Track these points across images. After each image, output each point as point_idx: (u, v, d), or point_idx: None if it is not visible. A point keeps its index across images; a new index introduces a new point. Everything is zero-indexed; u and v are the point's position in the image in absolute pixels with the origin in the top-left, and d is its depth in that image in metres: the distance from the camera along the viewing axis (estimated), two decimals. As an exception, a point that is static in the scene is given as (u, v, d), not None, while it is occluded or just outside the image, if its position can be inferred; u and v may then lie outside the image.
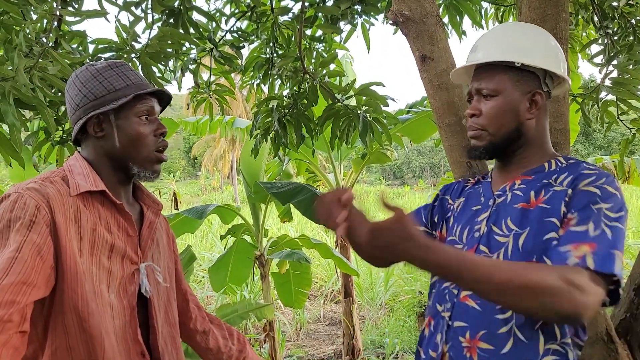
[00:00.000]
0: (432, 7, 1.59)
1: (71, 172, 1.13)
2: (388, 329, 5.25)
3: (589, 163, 1.16)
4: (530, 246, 1.07)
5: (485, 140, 1.18)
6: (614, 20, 2.60)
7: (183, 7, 2.24)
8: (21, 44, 1.60)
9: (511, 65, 1.16)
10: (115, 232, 1.13)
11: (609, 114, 2.66)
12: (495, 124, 1.16)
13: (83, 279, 1.03)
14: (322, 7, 2.45)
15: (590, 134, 31.26)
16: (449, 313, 1.15)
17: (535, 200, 1.12)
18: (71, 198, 1.07)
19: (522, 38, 1.19)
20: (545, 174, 1.16)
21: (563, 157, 1.20)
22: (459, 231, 1.23)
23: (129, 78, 1.17)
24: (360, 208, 1.03)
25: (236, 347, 1.48)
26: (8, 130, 1.74)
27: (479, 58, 1.20)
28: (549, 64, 1.17)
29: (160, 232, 1.31)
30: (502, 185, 1.21)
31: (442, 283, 1.23)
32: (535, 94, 1.17)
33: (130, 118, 1.15)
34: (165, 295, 1.26)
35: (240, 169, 4.36)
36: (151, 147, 1.18)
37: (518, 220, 1.11)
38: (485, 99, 1.17)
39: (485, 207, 1.21)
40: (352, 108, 2.48)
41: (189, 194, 33.52)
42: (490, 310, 1.08)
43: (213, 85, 2.83)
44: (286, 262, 4.16)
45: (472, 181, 1.37)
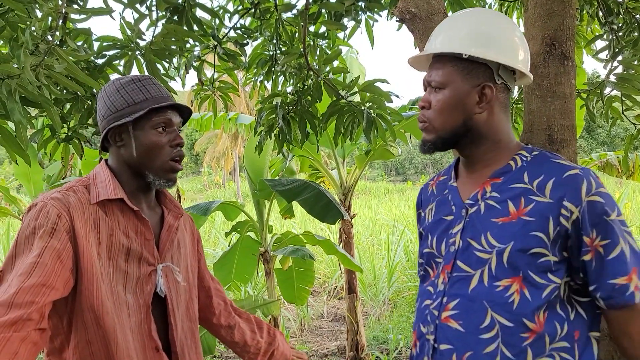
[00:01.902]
0: (439, 4, 1.59)
1: (95, 180, 1.23)
2: (392, 325, 5.26)
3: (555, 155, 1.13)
4: (516, 261, 1.05)
5: (433, 134, 1.14)
6: (619, 16, 2.59)
7: (187, 4, 2.24)
8: (27, 42, 1.60)
9: (459, 57, 1.10)
10: (132, 237, 1.22)
11: (613, 109, 2.65)
12: (441, 117, 1.12)
13: (100, 280, 1.14)
14: (325, 4, 2.44)
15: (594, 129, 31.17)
16: (433, 336, 1.12)
17: (516, 212, 1.07)
18: (91, 206, 1.18)
19: (479, 27, 1.13)
20: (513, 173, 1.12)
21: (524, 149, 1.16)
22: (435, 243, 1.19)
23: (148, 92, 1.25)
24: None
25: (265, 339, 1.56)
26: (14, 127, 1.74)
27: (427, 48, 1.15)
28: (502, 55, 1.11)
29: (182, 233, 1.39)
30: (472, 193, 1.16)
31: (422, 302, 1.20)
32: (484, 86, 1.11)
33: (146, 129, 1.24)
34: (186, 292, 1.35)
35: (244, 166, 4.37)
36: (166, 157, 1.25)
37: (499, 235, 1.07)
38: (435, 91, 1.13)
39: (458, 218, 1.16)
40: (356, 104, 2.48)
41: (191, 190, 33.56)
42: (473, 331, 1.06)
43: (217, 82, 2.83)
44: (289, 259, 4.17)
45: (433, 182, 1.33)
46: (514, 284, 1.05)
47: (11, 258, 1.09)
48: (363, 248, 8.34)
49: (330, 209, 3.33)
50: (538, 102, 1.51)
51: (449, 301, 1.11)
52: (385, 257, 6.93)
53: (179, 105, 1.29)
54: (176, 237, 1.35)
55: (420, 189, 1.38)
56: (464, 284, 1.10)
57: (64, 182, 3.83)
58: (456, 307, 1.10)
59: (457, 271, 1.12)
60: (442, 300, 1.12)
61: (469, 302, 1.08)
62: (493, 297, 1.06)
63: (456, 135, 1.13)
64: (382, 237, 8.80)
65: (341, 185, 4.57)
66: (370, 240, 9.29)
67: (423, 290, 1.23)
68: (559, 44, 1.48)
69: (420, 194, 1.37)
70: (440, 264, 1.17)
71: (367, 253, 7.75)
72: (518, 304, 1.04)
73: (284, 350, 1.60)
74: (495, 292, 1.06)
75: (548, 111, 1.49)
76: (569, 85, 1.50)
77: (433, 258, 1.20)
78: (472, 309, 1.07)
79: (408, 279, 6.46)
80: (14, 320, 0.97)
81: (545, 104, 1.49)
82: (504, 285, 1.05)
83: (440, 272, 1.16)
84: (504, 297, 1.05)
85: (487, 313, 1.06)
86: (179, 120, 1.30)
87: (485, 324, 1.05)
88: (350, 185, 4.56)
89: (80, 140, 2.26)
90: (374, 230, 10.20)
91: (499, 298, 1.05)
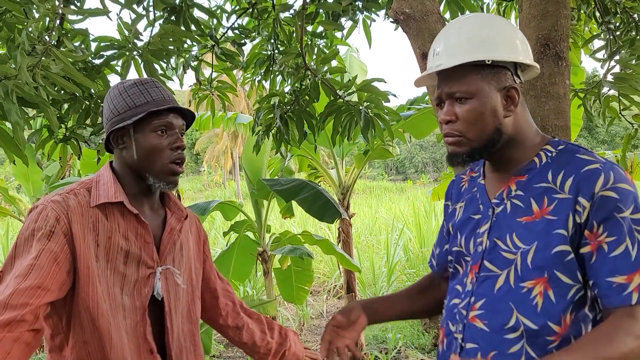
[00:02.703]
0: (433, 5, 1.60)
1: (97, 183, 1.25)
2: (391, 324, 5.26)
3: (582, 149, 1.10)
4: (540, 262, 1.03)
5: (467, 147, 1.11)
6: (616, 16, 2.60)
7: (184, 4, 2.24)
8: (24, 43, 1.61)
9: (480, 63, 1.08)
10: (132, 240, 1.23)
11: (611, 109, 2.66)
12: (474, 128, 1.09)
13: (96, 282, 1.15)
14: (323, 4, 2.45)
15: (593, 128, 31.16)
16: (461, 335, 1.12)
17: (540, 211, 1.06)
18: (91, 208, 1.20)
19: (482, 31, 1.11)
20: (538, 170, 1.10)
21: (550, 143, 1.13)
22: (464, 242, 1.19)
23: (150, 95, 1.26)
24: None
25: (276, 340, 1.56)
26: (12, 128, 1.75)
27: (444, 63, 1.10)
28: (516, 54, 1.10)
29: (187, 235, 1.40)
30: (498, 192, 1.15)
31: (451, 299, 1.20)
32: (510, 89, 1.10)
33: (146, 132, 1.25)
34: (188, 294, 1.36)
35: (243, 166, 4.37)
36: (166, 160, 1.26)
37: (524, 235, 1.06)
38: (459, 103, 1.10)
39: (485, 218, 1.16)
40: (353, 104, 2.49)
41: (191, 189, 33.57)
42: (499, 330, 1.06)
43: (215, 82, 2.84)
44: (288, 258, 4.18)
45: (466, 177, 1.32)
46: (537, 285, 1.04)
47: (11, 259, 1.12)
48: (362, 247, 8.34)
49: (329, 208, 3.34)
50: (532, 103, 1.51)
51: (476, 301, 1.11)
52: (385, 257, 6.94)
53: (180, 108, 1.29)
54: (179, 239, 1.35)
55: (452, 181, 1.36)
56: (491, 284, 1.10)
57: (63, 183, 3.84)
58: (482, 306, 1.10)
59: (484, 271, 1.12)
60: (469, 300, 1.13)
61: (494, 302, 1.08)
62: (518, 298, 1.05)
63: (490, 143, 1.10)
64: (381, 236, 8.80)
65: (340, 184, 4.58)
66: (369, 240, 9.29)
67: (452, 288, 1.23)
68: (553, 44, 1.49)
69: (452, 186, 1.34)
70: (469, 263, 1.17)
71: (367, 252, 7.75)
72: (542, 307, 1.03)
73: (296, 351, 1.60)
74: (520, 294, 1.05)
75: (542, 111, 1.49)
76: (563, 86, 1.51)
77: (462, 257, 1.20)
78: (497, 309, 1.07)
79: (407, 278, 6.46)
80: (8, 321, 0.99)
81: (539, 104, 1.50)
82: (529, 286, 1.05)
83: (469, 271, 1.16)
84: (529, 299, 1.04)
85: (512, 314, 1.05)
86: (181, 123, 1.31)
87: (510, 325, 1.05)
88: (349, 185, 4.57)
89: (78, 140, 2.26)
90: (373, 230, 10.20)
91: (524, 299, 1.05)
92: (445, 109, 1.12)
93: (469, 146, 1.10)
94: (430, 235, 7.41)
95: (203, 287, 1.48)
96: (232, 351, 4.95)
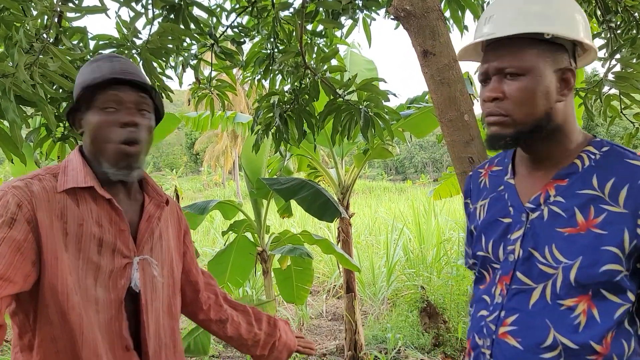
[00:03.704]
0: (434, 2, 1.58)
1: (66, 168, 1.14)
2: (390, 324, 5.26)
3: (628, 151, 1.00)
4: (585, 280, 0.95)
5: (512, 128, 1.00)
6: (617, 14, 2.59)
7: (183, 2, 2.23)
8: (21, 41, 1.60)
9: (539, 37, 0.97)
10: (106, 227, 1.13)
11: (612, 108, 2.65)
12: (524, 109, 0.98)
13: (66, 273, 1.06)
14: (323, 2, 2.44)
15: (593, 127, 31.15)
16: (489, 350, 1.04)
17: (585, 223, 0.96)
18: (59, 194, 1.09)
19: (544, 3, 0.99)
20: (580, 175, 1.01)
21: (593, 144, 1.03)
22: (492, 248, 1.09)
23: (100, 70, 1.13)
24: None
25: (264, 331, 1.50)
26: (9, 126, 1.74)
27: (497, 32, 0.98)
28: (578, 32, 0.98)
29: (166, 224, 1.30)
30: (534, 196, 1.05)
31: (478, 311, 1.11)
32: (565, 71, 0.99)
33: (94, 111, 1.12)
34: (169, 287, 1.27)
35: (242, 165, 4.36)
36: (114, 139, 1.12)
37: (566, 249, 0.97)
38: (508, 79, 0.99)
39: (518, 223, 1.05)
40: (353, 103, 2.48)
41: (191, 189, 33.57)
42: (534, 349, 0.98)
43: (214, 80, 2.83)
44: (287, 258, 4.17)
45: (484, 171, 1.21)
46: (580, 303, 0.96)
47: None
48: (362, 247, 8.34)
49: (328, 207, 3.33)
50: (534, 101, 1.50)
51: (507, 315, 1.03)
52: (384, 257, 6.93)
53: (127, 79, 1.13)
54: (158, 227, 1.25)
55: (469, 176, 1.26)
56: (524, 298, 1.02)
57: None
58: (515, 322, 1.02)
59: (516, 283, 1.03)
60: (499, 314, 1.04)
61: (529, 318, 1.00)
62: (557, 316, 0.97)
63: (538, 128, 0.99)
64: (381, 236, 8.80)
65: (339, 184, 4.57)
66: (369, 240, 9.29)
67: (479, 297, 1.14)
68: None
69: (470, 181, 1.25)
70: (498, 271, 1.08)
71: (366, 252, 7.74)
72: (585, 326, 0.95)
73: (287, 341, 1.53)
74: (559, 311, 0.97)
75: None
76: (565, 84, 1.49)
77: (489, 262, 1.11)
78: (532, 326, 0.99)
79: (407, 278, 6.45)
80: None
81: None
82: (570, 304, 0.97)
83: (498, 281, 1.07)
84: (570, 318, 0.96)
85: (549, 332, 0.97)
86: (137, 98, 1.15)
87: (547, 344, 0.97)
88: (349, 184, 4.56)
89: (76, 139, 2.25)
90: (373, 230, 10.19)
91: (563, 318, 0.97)
92: (491, 85, 1.01)
93: (515, 128, 1.00)
94: (430, 235, 7.41)
95: (183, 280, 1.39)
96: (231, 351, 4.94)
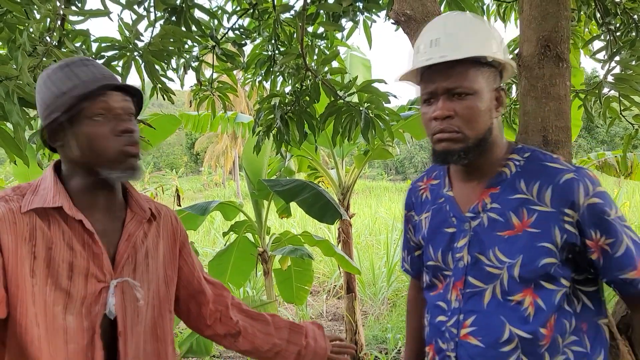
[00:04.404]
0: (434, 6, 1.60)
1: (38, 187, 1.07)
2: (391, 324, 5.27)
3: (547, 155, 1.12)
4: (527, 275, 1.06)
5: (463, 143, 1.08)
6: (617, 17, 2.60)
7: (185, 5, 2.25)
8: (25, 43, 1.61)
9: (481, 60, 1.06)
10: (78, 250, 1.04)
11: (611, 110, 2.66)
12: (473, 126, 1.07)
13: (28, 303, 0.97)
14: (323, 4, 2.45)
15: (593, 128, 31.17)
16: (454, 353, 1.12)
17: (520, 224, 1.07)
18: (25, 216, 1.01)
19: (482, 28, 1.10)
20: (509, 181, 1.11)
21: (516, 152, 1.14)
22: (441, 257, 1.18)
23: (77, 76, 1.06)
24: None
25: (286, 339, 1.39)
26: (12, 128, 1.75)
27: (449, 55, 1.05)
28: (507, 55, 1.11)
29: (154, 240, 1.20)
30: (472, 205, 1.14)
31: (435, 317, 1.19)
32: (499, 90, 1.10)
33: (82, 122, 1.05)
34: (153, 308, 1.17)
35: (243, 166, 4.38)
36: (113, 147, 1.06)
37: (507, 250, 1.07)
38: (456, 99, 1.06)
39: (462, 232, 1.15)
40: (354, 105, 2.49)
41: (191, 189, 33.56)
42: (494, 345, 1.07)
43: (215, 82, 2.84)
44: (288, 258, 4.18)
45: (423, 185, 1.30)
46: (527, 296, 1.06)
47: None
48: (362, 247, 8.35)
49: (329, 209, 3.34)
50: (533, 104, 1.51)
51: (466, 318, 1.11)
52: (385, 257, 6.94)
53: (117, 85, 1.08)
54: (143, 246, 1.16)
55: (409, 190, 1.35)
56: (479, 299, 1.11)
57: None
58: (474, 323, 1.10)
59: (469, 287, 1.12)
60: (459, 318, 1.13)
61: (485, 317, 1.09)
62: (509, 311, 1.07)
63: (482, 142, 1.09)
64: (381, 236, 8.81)
65: (340, 184, 4.58)
66: (369, 240, 9.30)
67: (433, 303, 1.22)
68: (553, 45, 1.49)
69: (411, 195, 1.34)
70: (450, 278, 1.17)
71: (367, 252, 7.76)
72: (534, 316, 1.05)
73: (317, 349, 1.41)
74: (510, 306, 1.07)
75: (543, 112, 1.50)
76: (563, 87, 1.51)
77: (440, 271, 1.20)
78: (490, 324, 1.08)
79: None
80: None
81: (540, 105, 1.50)
82: (518, 299, 1.07)
83: (452, 287, 1.16)
84: (520, 311, 1.06)
85: (505, 327, 1.07)
86: (124, 104, 1.09)
87: (505, 338, 1.06)
88: (349, 185, 4.57)
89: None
90: (373, 230, 10.21)
91: (515, 312, 1.06)
92: (441, 104, 1.07)
93: (465, 143, 1.08)
94: (430, 235, 7.40)
95: (186, 295, 1.30)
96: (232, 351, 4.95)
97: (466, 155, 1.09)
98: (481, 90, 1.06)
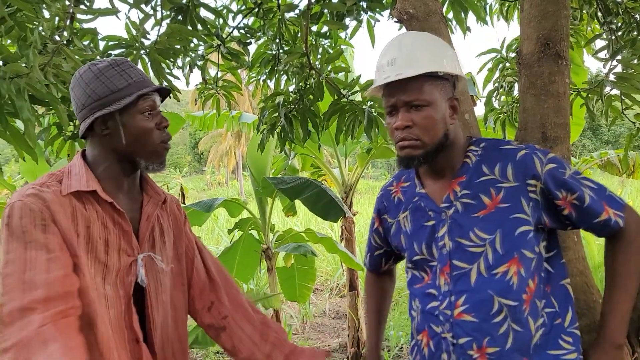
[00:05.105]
0: (436, 5, 1.63)
1: (70, 173, 1.20)
2: (393, 322, 5.29)
3: (500, 141, 1.25)
4: (508, 246, 1.17)
5: (422, 149, 1.20)
6: (618, 16, 2.62)
7: (191, 4, 2.28)
8: (36, 42, 1.65)
9: (434, 74, 1.19)
10: (110, 228, 1.20)
11: (613, 108, 2.67)
12: (430, 134, 1.19)
13: (84, 270, 1.13)
14: (328, 4, 2.48)
15: (598, 128, 31.07)
16: (451, 333, 1.21)
17: (491, 202, 1.19)
18: (66, 199, 1.15)
19: (433, 46, 1.24)
20: (473, 168, 1.23)
21: (473, 144, 1.27)
22: (426, 249, 1.27)
23: (130, 76, 1.21)
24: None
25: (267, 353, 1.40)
26: (22, 125, 1.79)
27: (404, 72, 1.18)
28: (458, 68, 1.24)
29: (167, 221, 1.36)
30: (444, 196, 1.25)
31: (426, 304, 1.27)
32: (453, 99, 1.22)
33: (134, 116, 1.21)
34: (172, 280, 1.33)
35: (247, 164, 4.41)
36: (156, 141, 1.24)
37: (485, 227, 1.18)
38: (414, 110, 1.18)
39: (441, 222, 1.25)
40: (357, 103, 2.52)
41: (195, 189, 33.62)
42: (486, 318, 1.17)
43: (220, 81, 2.87)
44: (291, 256, 4.21)
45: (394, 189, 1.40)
46: (511, 267, 1.17)
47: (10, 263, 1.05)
48: (364, 246, 8.36)
49: (332, 207, 3.37)
50: (532, 101, 1.54)
51: (458, 298, 1.20)
52: (387, 255, 6.95)
53: (162, 88, 1.27)
54: (158, 225, 1.32)
55: (380, 195, 1.45)
56: (466, 279, 1.20)
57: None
58: (465, 301, 1.19)
59: (455, 270, 1.21)
60: (450, 299, 1.22)
61: (475, 294, 1.19)
62: (494, 284, 1.17)
63: (440, 147, 1.21)
64: (384, 235, 8.81)
65: (343, 183, 4.61)
66: (372, 239, 9.30)
67: (422, 293, 1.30)
68: (553, 43, 1.52)
69: (382, 200, 1.44)
70: (436, 266, 1.26)
71: (370, 251, 7.76)
72: (517, 284, 1.16)
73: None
74: (495, 279, 1.17)
75: (542, 109, 1.52)
76: (562, 84, 1.54)
77: (426, 263, 1.29)
78: (480, 299, 1.18)
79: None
80: (60, 311, 1.02)
81: (539, 102, 1.53)
82: (502, 271, 1.17)
83: (440, 274, 1.25)
84: (505, 282, 1.17)
85: (494, 299, 1.17)
86: (161, 102, 1.29)
87: (495, 309, 1.16)
88: (352, 183, 4.60)
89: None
90: (376, 229, 10.20)
91: (500, 284, 1.17)
92: (401, 115, 1.20)
93: (424, 149, 1.20)
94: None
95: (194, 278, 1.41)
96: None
97: (426, 160, 1.22)
98: (436, 101, 1.19)
